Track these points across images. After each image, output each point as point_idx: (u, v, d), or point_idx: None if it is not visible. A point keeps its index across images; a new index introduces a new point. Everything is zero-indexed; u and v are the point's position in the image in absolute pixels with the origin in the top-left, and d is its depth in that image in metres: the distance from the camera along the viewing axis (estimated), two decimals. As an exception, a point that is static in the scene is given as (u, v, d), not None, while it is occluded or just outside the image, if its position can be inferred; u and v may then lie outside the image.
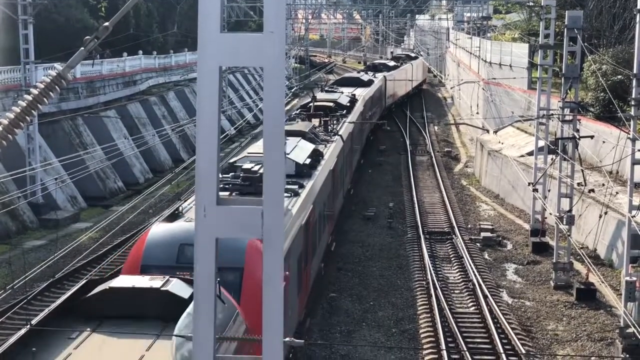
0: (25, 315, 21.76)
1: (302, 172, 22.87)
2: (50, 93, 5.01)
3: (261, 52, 4.24)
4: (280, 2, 4.21)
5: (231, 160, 22.57)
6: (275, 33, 4.21)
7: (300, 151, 24.43)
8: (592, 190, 27.16)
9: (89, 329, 10.37)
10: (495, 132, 45.04)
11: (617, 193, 28.46)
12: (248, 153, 23.23)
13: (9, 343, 9.75)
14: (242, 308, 12.81)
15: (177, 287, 11.13)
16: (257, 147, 24.57)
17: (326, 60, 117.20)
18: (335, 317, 24.07)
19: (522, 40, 53.88)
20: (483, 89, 56.27)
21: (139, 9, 60.58)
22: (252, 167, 19.48)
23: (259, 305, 4.62)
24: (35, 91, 4.98)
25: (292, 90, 78.39)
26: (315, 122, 32.19)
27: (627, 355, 20.81)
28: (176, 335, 9.69)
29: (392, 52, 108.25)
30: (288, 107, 59.97)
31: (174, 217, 17.10)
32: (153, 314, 10.76)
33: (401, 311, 24.86)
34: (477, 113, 55.46)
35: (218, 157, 4.31)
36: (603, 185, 28.68)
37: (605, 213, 26.90)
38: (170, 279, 11.38)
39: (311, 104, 36.09)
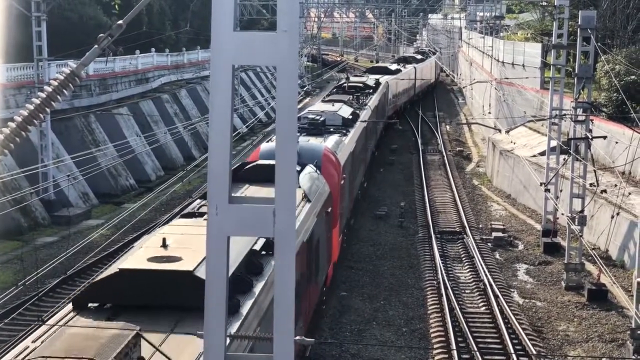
0: (36, 312, 21.85)
1: (346, 124, 31.66)
2: (64, 90, 5.02)
3: (274, 51, 4.24)
4: (293, 1, 4.21)
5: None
6: (289, 32, 4.21)
7: (344, 111, 33.41)
8: (605, 191, 27.06)
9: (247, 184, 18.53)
10: (508, 131, 44.95)
11: (629, 194, 28.37)
12: (308, 110, 33.03)
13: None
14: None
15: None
16: (317, 105, 35.58)
17: (338, 59, 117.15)
18: (346, 316, 24.05)
19: (535, 40, 53.74)
20: (495, 89, 56.15)
21: (152, 6, 60.69)
22: (314, 117, 29.54)
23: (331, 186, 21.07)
24: (49, 88, 5.00)
25: (304, 89, 78.39)
26: (349, 97, 39.68)
27: (639, 357, 20.74)
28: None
29: (417, 47, 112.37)
30: (300, 105, 60.08)
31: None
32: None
33: (412, 310, 24.83)
34: (490, 113, 55.34)
35: (230, 155, 4.31)
36: (615, 185, 28.57)
37: (618, 214, 26.79)
38: None
39: (345, 84, 45.80)
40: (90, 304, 10.96)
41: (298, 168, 20.08)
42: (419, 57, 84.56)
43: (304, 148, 24.09)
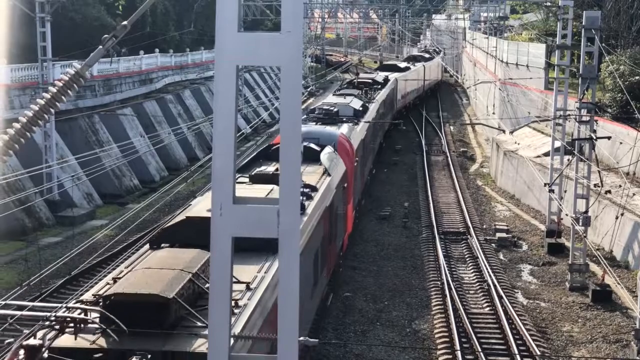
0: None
1: (357, 114, 34.97)
2: (69, 91, 5.03)
3: (278, 51, 4.24)
4: (297, 2, 4.21)
5: (312, 107, 35.78)
6: (293, 32, 4.21)
7: (355, 103, 36.77)
8: (609, 192, 27.03)
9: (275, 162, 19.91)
10: (512, 132, 44.90)
11: (634, 194, 28.32)
12: (323, 102, 36.72)
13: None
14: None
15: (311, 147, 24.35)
16: (329, 98, 39.61)
17: (342, 60, 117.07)
18: (350, 317, 24.05)
19: (539, 41, 53.69)
20: (499, 89, 56.10)
21: (156, 7, 60.71)
22: (329, 108, 33.54)
23: (346, 165, 25.41)
24: (53, 89, 5.01)
25: (308, 89, 78.38)
26: (359, 92, 43.12)
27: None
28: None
29: (425, 46, 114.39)
30: (304, 105, 60.09)
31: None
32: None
33: (415, 311, 24.82)
34: (494, 113, 55.31)
35: (234, 156, 4.31)
36: (620, 186, 28.53)
37: (622, 214, 26.76)
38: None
39: (355, 80, 49.68)
40: (163, 244, 13.81)
41: (318, 149, 24.43)
42: (427, 55, 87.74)
43: (322, 132, 27.85)
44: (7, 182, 30.43)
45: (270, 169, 19.48)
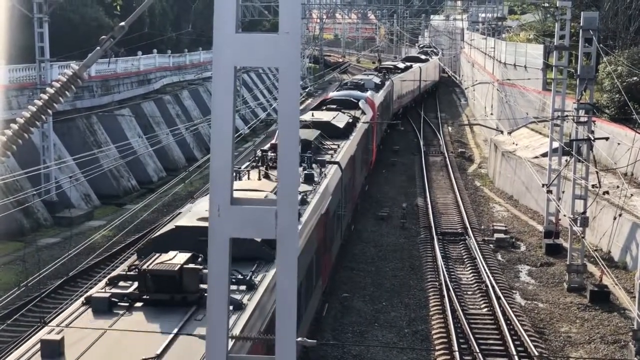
0: (38, 313, 21.86)
1: (377, 86, 49.18)
2: (66, 92, 5.02)
3: (276, 52, 4.24)
4: (295, 3, 4.21)
5: (344, 81, 54.81)
6: (291, 33, 4.21)
7: (376, 79, 51.83)
8: (607, 192, 27.04)
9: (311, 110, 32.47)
10: (510, 133, 44.92)
11: (631, 195, 28.34)
12: (352, 78, 54.15)
13: None
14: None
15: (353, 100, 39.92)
16: (358, 76, 57.42)
17: (340, 60, 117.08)
18: (348, 317, 24.04)
19: (537, 41, 53.70)
20: (497, 90, 56.11)
21: (154, 8, 60.70)
22: (358, 81, 48.83)
23: (373, 113, 41.91)
24: (51, 90, 5.00)
25: (307, 90, 78.37)
26: (379, 73, 59.44)
27: (641, 358, 20.72)
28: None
29: (429, 44, 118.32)
30: (302, 106, 60.11)
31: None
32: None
33: (414, 312, 24.81)
34: (492, 114, 55.31)
35: (232, 157, 4.30)
36: (618, 187, 28.54)
37: (620, 215, 26.76)
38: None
39: (378, 66, 69.17)
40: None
41: (356, 101, 38.88)
42: (437, 51, 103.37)
43: (356, 94, 42.10)
44: (5, 182, 30.41)
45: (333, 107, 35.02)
